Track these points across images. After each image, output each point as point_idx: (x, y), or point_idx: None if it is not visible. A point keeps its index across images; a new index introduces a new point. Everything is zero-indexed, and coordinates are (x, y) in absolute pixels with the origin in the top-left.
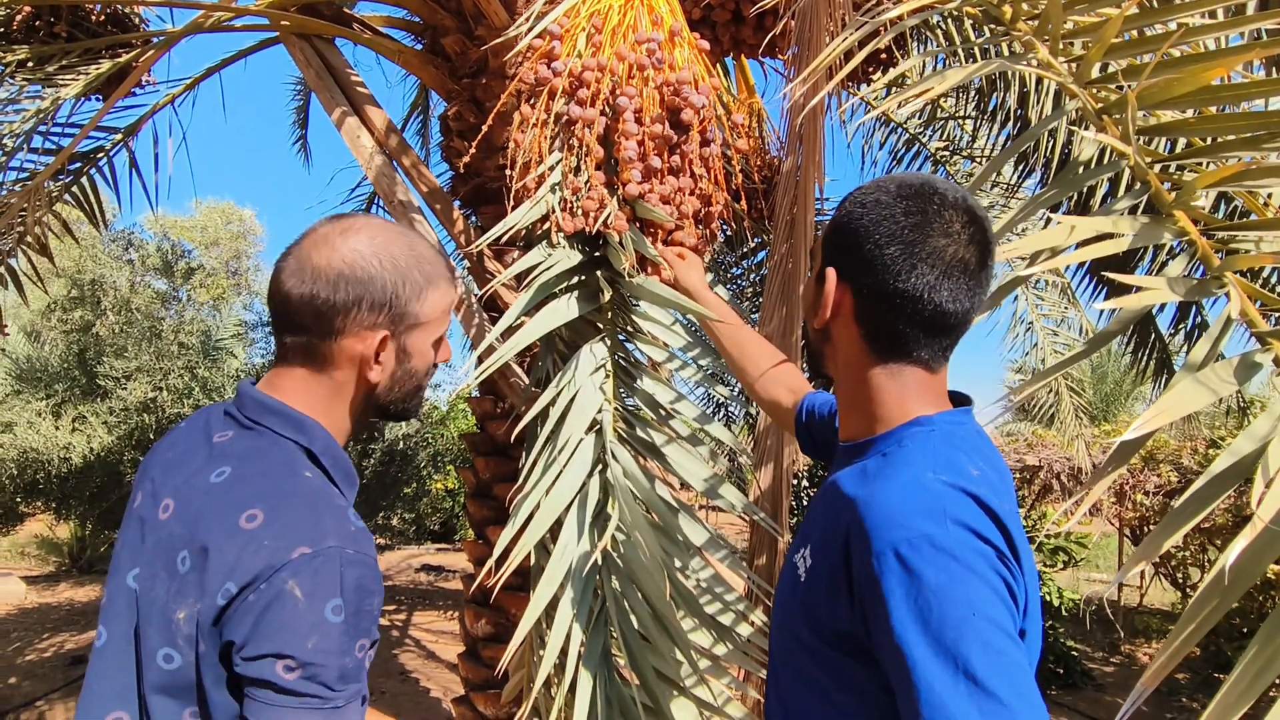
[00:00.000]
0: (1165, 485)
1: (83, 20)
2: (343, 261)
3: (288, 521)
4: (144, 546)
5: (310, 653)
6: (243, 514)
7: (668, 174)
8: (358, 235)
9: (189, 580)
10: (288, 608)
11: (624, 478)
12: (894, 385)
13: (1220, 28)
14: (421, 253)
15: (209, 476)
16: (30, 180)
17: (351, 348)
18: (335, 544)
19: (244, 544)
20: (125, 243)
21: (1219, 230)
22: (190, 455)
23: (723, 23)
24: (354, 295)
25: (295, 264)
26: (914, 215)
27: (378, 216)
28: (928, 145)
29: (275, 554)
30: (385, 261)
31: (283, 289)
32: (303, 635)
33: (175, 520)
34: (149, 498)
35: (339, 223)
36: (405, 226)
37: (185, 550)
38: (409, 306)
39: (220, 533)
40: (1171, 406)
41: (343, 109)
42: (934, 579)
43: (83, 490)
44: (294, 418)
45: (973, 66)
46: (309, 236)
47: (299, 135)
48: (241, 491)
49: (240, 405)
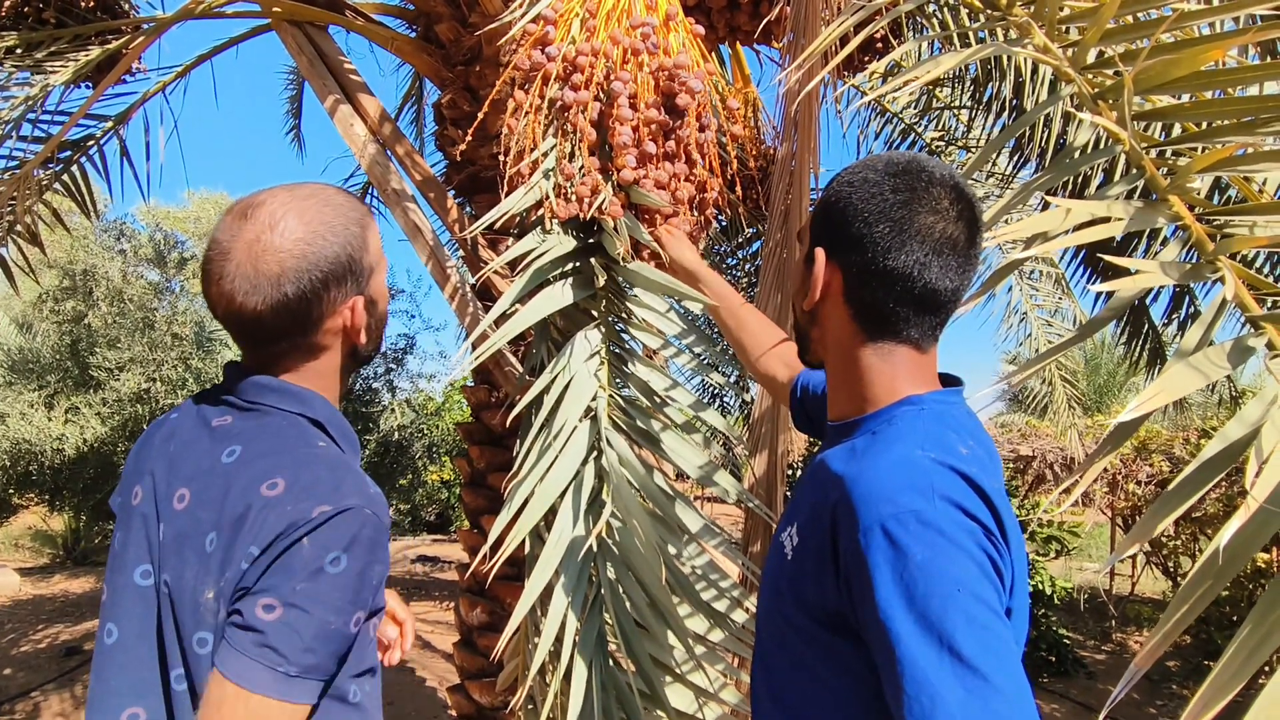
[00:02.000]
0: (1158, 475)
1: (72, 6)
2: (291, 256)
3: (308, 484)
4: (160, 541)
5: (294, 594)
6: (264, 483)
7: (663, 159)
8: (284, 220)
9: (214, 558)
10: (293, 557)
11: (619, 464)
12: (884, 365)
13: (1214, 12)
14: (337, 201)
15: (220, 458)
16: (20, 168)
17: (333, 325)
18: (355, 503)
19: (268, 510)
20: (117, 233)
21: (1213, 215)
22: (193, 444)
23: (718, 9)
24: (319, 280)
25: (243, 281)
26: (902, 193)
27: (274, 188)
28: (923, 135)
29: (296, 514)
30: (325, 231)
31: (246, 308)
32: (292, 578)
33: (196, 507)
34: (152, 493)
35: (252, 219)
36: (303, 187)
37: (213, 531)
38: (363, 260)
39: (243, 504)
40: (1167, 388)
41: (336, 97)
42: (920, 554)
43: (76, 482)
44: (294, 392)
45: (968, 51)
46: (236, 245)
47: (292, 124)
48: (259, 465)
49: (235, 389)
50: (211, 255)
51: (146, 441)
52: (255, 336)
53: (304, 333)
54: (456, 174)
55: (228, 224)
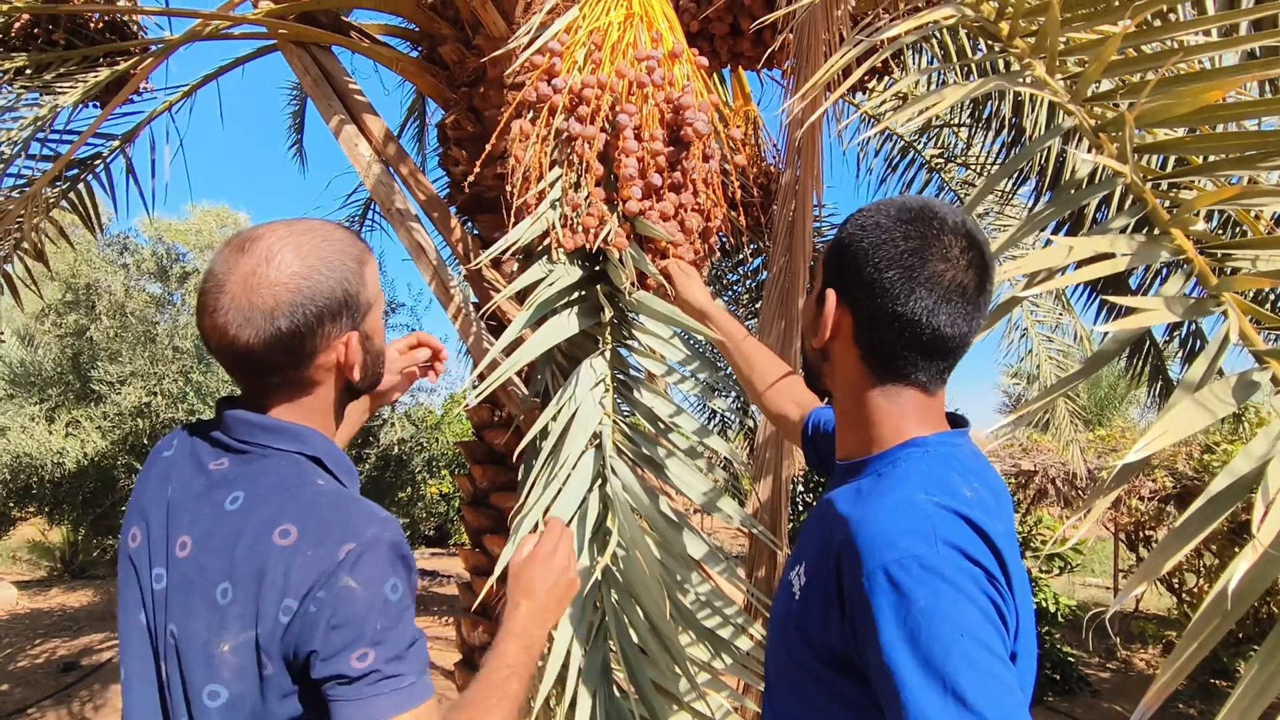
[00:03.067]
0: (1160, 490)
1: (81, 28)
2: (286, 290)
3: (320, 527)
4: (159, 588)
5: (378, 633)
6: (274, 531)
7: (668, 190)
8: (281, 254)
9: (231, 612)
10: (350, 602)
11: (623, 492)
12: (891, 407)
13: (1215, 47)
14: (336, 237)
15: (223, 504)
16: (28, 187)
17: (327, 360)
18: (374, 530)
19: (288, 560)
20: (120, 247)
21: (1216, 248)
22: (190, 487)
23: (720, 36)
24: (314, 314)
25: (236, 314)
26: (913, 240)
27: (273, 223)
28: (922, 153)
29: (323, 560)
30: (321, 266)
31: (239, 341)
32: (368, 621)
33: (200, 554)
34: (146, 539)
35: (249, 252)
36: (302, 223)
37: (225, 582)
38: (359, 296)
39: (259, 556)
40: (1172, 428)
41: (340, 117)
42: (923, 599)
43: (76, 495)
44: (290, 430)
45: (970, 85)
46: (231, 278)
47: (295, 140)
48: (264, 512)
49: (228, 429)
50: (207, 287)
51: (144, 480)
52: (247, 370)
53: (297, 367)
54: (459, 193)
55: (224, 256)
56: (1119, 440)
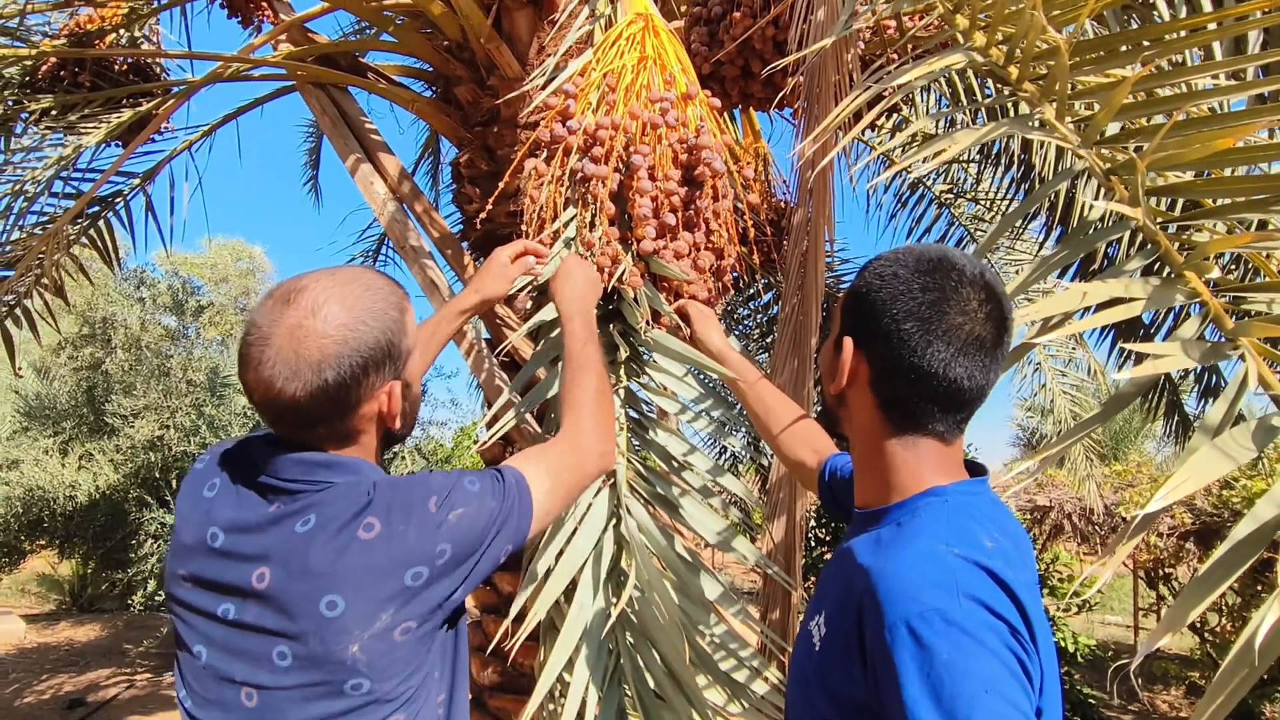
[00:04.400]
0: (1179, 527)
1: (106, 70)
2: (333, 342)
3: (402, 507)
4: (243, 629)
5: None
6: (359, 528)
7: (682, 229)
8: (327, 306)
9: (349, 616)
10: (467, 514)
11: (639, 532)
12: (909, 456)
13: (1225, 92)
14: (377, 285)
15: (293, 529)
16: (50, 224)
17: (369, 410)
18: (439, 478)
19: (397, 541)
20: (137, 281)
21: (1231, 291)
22: (242, 522)
23: (732, 78)
24: (359, 366)
25: (283, 367)
26: (931, 291)
27: (315, 273)
28: (932, 188)
29: (426, 531)
30: (366, 317)
31: (285, 394)
32: (479, 495)
33: (287, 581)
34: (200, 578)
35: (295, 304)
36: (343, 271)
37: (330, 594)
38: (401, 345)
39: (356, 554)
40: (1194, 474)
41: (357, 156)
42: (947, 654)
43: (87, 528)
44: (345, 463)
45: (982, 130)
46: (277, 330)
47: (310, 176)
48: (339, 523)
49: (276, 470)
50: (251, 340)
51: (186, 524)
52: (293, 422)
53: (341, 417)
54: (473, 231)
55: (268, 308)
56: (1135, 475)
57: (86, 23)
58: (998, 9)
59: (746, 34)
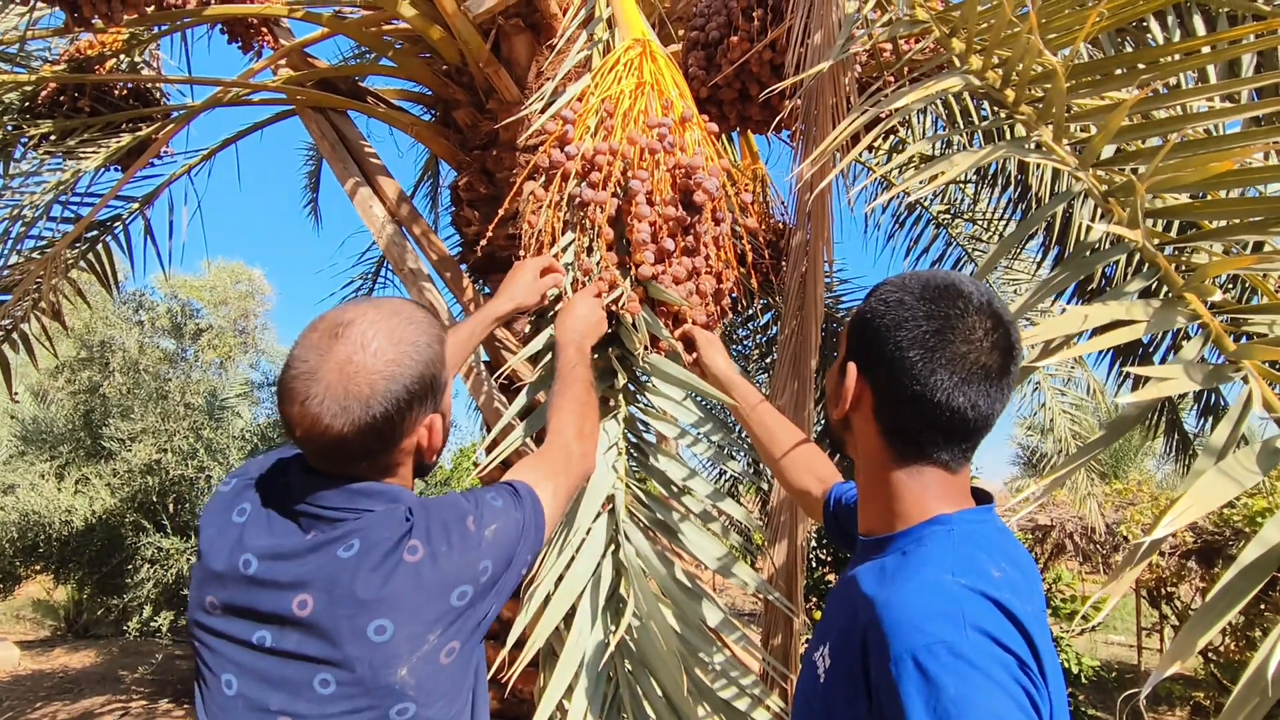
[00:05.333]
0: (1181, 545)
1: (106, 95)
2: (382, 377)
3: (440, 526)
4: (281, 656)
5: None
6: (404, 552)
7: (680, 254)
8: (376, 340)
9: (398, 638)
10: (499, 530)
11: (637, 558)
12: (914, 484)
13: (1221, 115)
14: (419, 318)
15: (336, 552)
16: (49, 248)
17: (410, 444)
18: (469, 498)
19: (442, 562)
20: (136, 304)
21: (1231, 312)
22: (278, 550)
23: (729, 101)
24: (405, 401)
25: (332, 403)
26: (936, 320)
27: (359, 304)
28: (929, 208)
29: (466, 546)
30: (411, 351)
31: (332, 431)
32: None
33: (331, 607)
34: (228, 606)
35: (344, 338)
36: (387, 303)
37: (380, 619)
38: (441, 377)
39: (401, 579)
40: (1199, 501)
41: (356, 179)
42: (954, 688)
43: (83, 553)
44: (385, 490)
45: (979, 153)
46: (326, 365)
47: (310, 198)
48: (384, 547)
49: (318, 500)
50: (296, 374)
51: (215, 549)
52: (335, 456)
53: (385, 451)
54: (471, 253)
55: (315, 342)
56: (1136, 494)
57: (87, 48)
58: (994, 33)
59: (744, 58)
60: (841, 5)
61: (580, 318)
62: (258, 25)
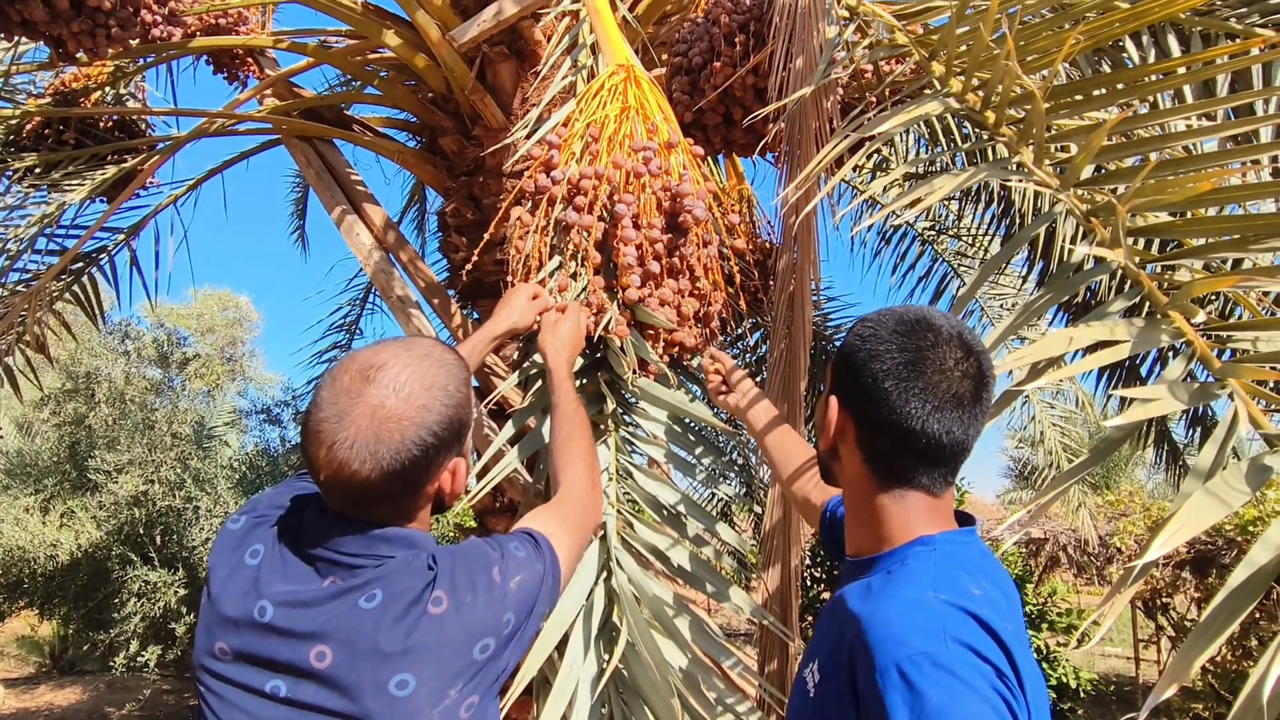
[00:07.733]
0: (1175, 556)
1: (91, 127)
2: (413, 424)
3: (465, 574)
4: (297, 708)
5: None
6: (428, 604)
7: (667, 277)
8: (409, 384)
9: (420, 694)
10: (523, 581)
11: (629, 585)
12: (898, 508)
13: (1199, 134)
14: (448, 360)
15: (357, 602)
16: (34, 281)
17: (432, 489)
18: (495, 547)
19: (466, 613)
20: (122, 334)
21: (1215, 330)
22: (302, 606)
23: (714, 125)
24: (433, 447)
25: (362, 449)
26: (909, 352)
27: (389, 345)
28: (915, 226)
29: (492, 596)
30: (441, 395)
31: (359, 476)
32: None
33: (353, 660)
34: (240, 654)
35: (376, 382)
36: (417, 345)
37: (403, 674)
38: (468, 421)
39: (425, 631)
40: (1189, 521)
41: (342, 207)
42: (936, 697)
43: (68, 588)
44: (405, 536)
45: (961, 176)
46: (357, 410)
47: (297, 226)
48: (407, 598)
49: (336, 545)
50: (324, 417)
51: (225, 593)
52: (359, 500)
53: (407, 495)
54: (459, 279)
55: (345, 385)
56: (1127, 505)
57: (72, 81)
58: (972, 56)
59: (727, 83)
60: (822, 30)
61: (563, 333)
62: (243, 56)
